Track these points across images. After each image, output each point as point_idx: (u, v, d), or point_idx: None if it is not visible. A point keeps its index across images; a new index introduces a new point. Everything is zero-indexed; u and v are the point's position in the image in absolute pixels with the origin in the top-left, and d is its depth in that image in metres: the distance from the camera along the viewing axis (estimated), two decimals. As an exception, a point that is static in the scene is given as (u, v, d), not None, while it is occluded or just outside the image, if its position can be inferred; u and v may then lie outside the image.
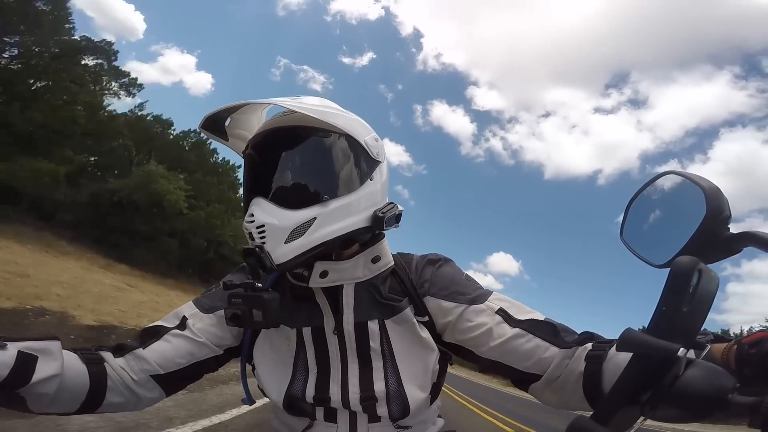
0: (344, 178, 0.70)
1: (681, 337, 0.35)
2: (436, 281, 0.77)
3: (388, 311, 0.75)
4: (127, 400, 0.73)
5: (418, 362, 0.75)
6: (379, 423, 0.75)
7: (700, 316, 0.37)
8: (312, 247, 0.67)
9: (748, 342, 0.47)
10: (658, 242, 0.51)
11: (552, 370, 0.66)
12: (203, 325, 0.78)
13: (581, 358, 0.63)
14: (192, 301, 0.83)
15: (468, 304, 0.74)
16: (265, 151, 0.71)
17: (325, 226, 0.67)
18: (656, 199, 0.54)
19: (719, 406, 0.34)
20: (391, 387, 0.74)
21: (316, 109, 0.67)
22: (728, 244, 0.44)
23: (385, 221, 0.72)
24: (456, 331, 0.75)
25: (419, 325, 0.75)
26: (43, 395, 0.61)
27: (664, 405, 0.35)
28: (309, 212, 0.66)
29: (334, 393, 0.74)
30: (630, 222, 0.56)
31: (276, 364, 0.78)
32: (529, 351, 0.69)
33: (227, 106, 0.72)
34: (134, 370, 0.73)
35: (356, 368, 0.75)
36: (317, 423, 0.76)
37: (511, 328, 0.71)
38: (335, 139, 0.70)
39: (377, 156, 0.73)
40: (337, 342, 0.75)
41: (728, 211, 0.45)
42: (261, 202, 0.67)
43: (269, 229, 0.65)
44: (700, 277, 0.36)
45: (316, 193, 0.68)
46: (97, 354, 0.72)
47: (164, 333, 0.77)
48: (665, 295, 0.36)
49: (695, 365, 0.35)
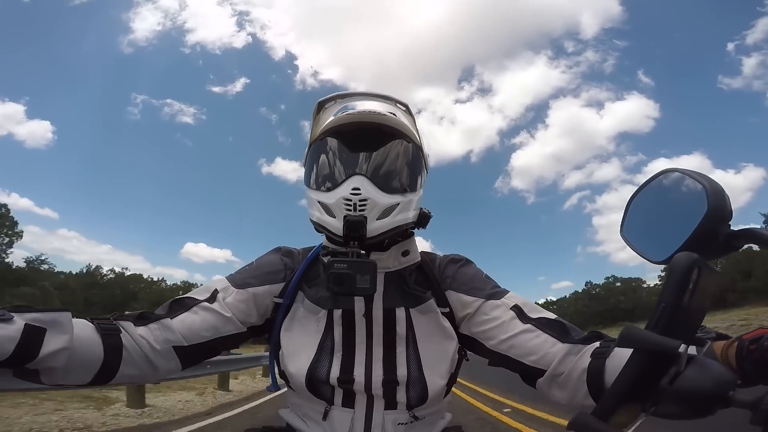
0: (416, 178, 0.81)
1: (681, 334, 0.35)
2: (458, 277, 0.83)
3: (414, 301, 0.80)
4: (142, 371, 0.72)
5: (439, 350, 0.79)
6: (395, 410, 0.77)
7: (701, 312, 0.37)
8: (392, 228, 0.76)
9: (749, 338, 0.47)
10: (659, 239, 0.51)
11: (556, 365, 0.69)
12: (233, 300, 0.80)
13: (587, 355, 0.65)
14: (225, 276, 0.85)
15: (486, 299, 0.79)
16: (368, 138, 0.78)
17: (403, 212, 0.77)
18: (657, 196, 0.54)
19: (720, 403, 0.34)
20: (412, 372, 0.77)
21: (406, 124, 0.81)
22: (729, 241, 0.44)
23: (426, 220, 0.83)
24: (472, 323, 0.80)
25: (441, 316, 0.80)
26: (53, 368, 0.60)
27: (665, 401, 0.35)
28: (396, 198, 0.76)
29: (358, 374, 0.77)
30: (630, 218, 0.56)
31: (302, 345, 0.79)
32: (536, 346, 0.72)
33: (348, 94, 0.85)
34: (157, 339, 0.72)
35: (380, 352, 0.78)
36: (334, 408, 0.77)
37: (522, 324, 0.75)
38: (414, 147, 0.81)
39: (427, 166, 0.85)
40: (365, 326, 0.78)
41: (729, 208, 0.45)
42: (363, 180, 0.75)
43: (370, 204, 0.73)
44: (700, 274, 0.36)
45: (402, 185, 0.78)
46: (115, 324, 0.70)
47: (193, 305, 0.77)
48: (665, 292, 0.36)
49: (696, 362, 0.34)
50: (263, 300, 0.82)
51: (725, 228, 0.44)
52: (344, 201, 0.73)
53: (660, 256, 0.49)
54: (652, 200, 0.54)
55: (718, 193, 0.45)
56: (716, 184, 0.46)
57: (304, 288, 0.83)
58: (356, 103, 0.83)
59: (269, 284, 0.83)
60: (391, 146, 0.79)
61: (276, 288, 0.83)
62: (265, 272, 0.84)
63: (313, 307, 0.80)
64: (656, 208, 0.54)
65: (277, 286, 0.83)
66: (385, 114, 0.80)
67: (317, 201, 0.77)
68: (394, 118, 0.80)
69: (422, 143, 0.84)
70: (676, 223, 0.48)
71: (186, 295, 0.81)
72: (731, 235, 0.44)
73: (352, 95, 0.86)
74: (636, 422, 0.36)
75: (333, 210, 0.75)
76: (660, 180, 0.53)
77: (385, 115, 0.79)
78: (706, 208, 0.44)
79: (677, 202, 0.51)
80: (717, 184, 0.46)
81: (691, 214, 0.46)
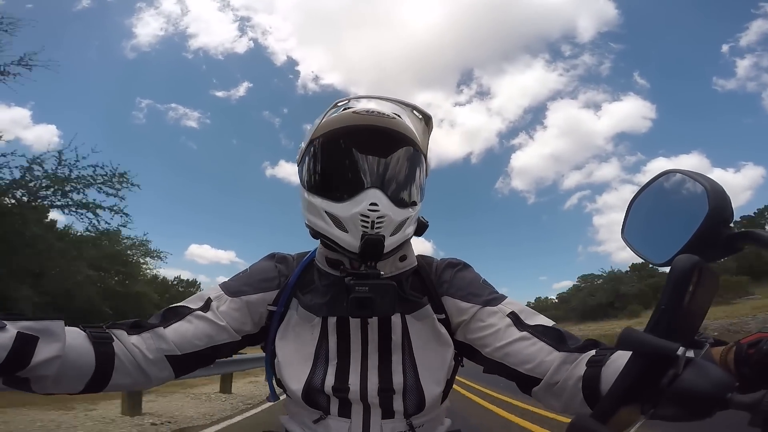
0: (422, 189, 0.80)
1: (680, 336, 0.35)
2: (454, 283, 0.82)
3: (410, 307, 0.79)
4: (135, 380, 0.72)
5: (435, 357, 0.78)
6: (392, 419, 0.76)
7: (700, 315, 0.37)
8: (401, 243, 0.75)
9: (747, 342, 0.46)
10: (660, 240, 0.50)
11: (551, 373, 0.68)
12: (227, 309, 0.79)
13: (582, 363, 0.65)
14: (219, 284, 0.84)
15: (482, 306, 0.78)
16: (377, 143, 0.74)
17: (409, 226, 0.76)
18: (658, 197, 0.54)
19: (719, 405, 0.34)
20: (408, 380, 0.76)
21: (413, 130, 0.76)
22: (730, 243, 0.44)
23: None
24: (468, 330, 0.79)
25: (437, 322, 0.79)
26: (44, 377, 0.60)
27: (663, 404, 0.35)
28: (408, 212, 0.75)
29: (353, 383, 0.76)
30: (631, 220, 0.56)
31: (298, 354, 0.79)
32: (532, 354, 0.71)
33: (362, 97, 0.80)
34: (150, 348, 0.72)
35: (376, 360, 0.77)
36: (330, 417, 0.76)
37: (519, 332, 0.74)
38: (420, 155, 0.79)
39: (428, 173, 0.83)
40: (360, 333, 0.77)
41: (730, 210, 0.45)
42: (380, 194, 0.72)
43: (387, 221, 0.71)
44: (700, 276, 0.36)
45: (412, 197, 0.77)
46: (107, 333, 0.70)
47: (187, 314, 0.77)
48: (665, 294, 0.35)
49: (694, 364, 0.34)
50: (257, 308, 0.81)
51: (726, 230, 0.44)
52: (361, 217, 0.70)
53: (661, 258, 0.49)
54: (653, 202, 0.54)
55: (720, 194, 0.45)
56: (717, 186, 0.46)
57: (298, 295, 0.82)
58: (368, 103, 0.78)
59: (263, 292, 0.82)
60: (400, 154, 0.76)
61: (270, 296, 0.82)
62: (259, 279, 0.83)
63: (307, 315, 0.80)
64: (657, 209, 0.54)
65: (271, 294, 0.82)
66: (393, 117, 0.75)
67: (325, 211, 0.73)
68: (405, 124, 0.76)
69: (426, 152, 0.82)
70: (677, 224, 0.48)
71: (179, 304, 0.80)
72: (732, 236, 0.44)
73: (371, 97, 0.81)
74: (635, 424, 0.36)
75: (346, 224, 0.71)
76: (661, 181, 0.53)
77: (397, 120, 0.75)
78: (707, 209, 0.44)
79: (678, 203, 0.50)
80: (718, 186, 0.46)
81: (692, 216, 0.45)
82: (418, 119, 0.83)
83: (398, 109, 0.78)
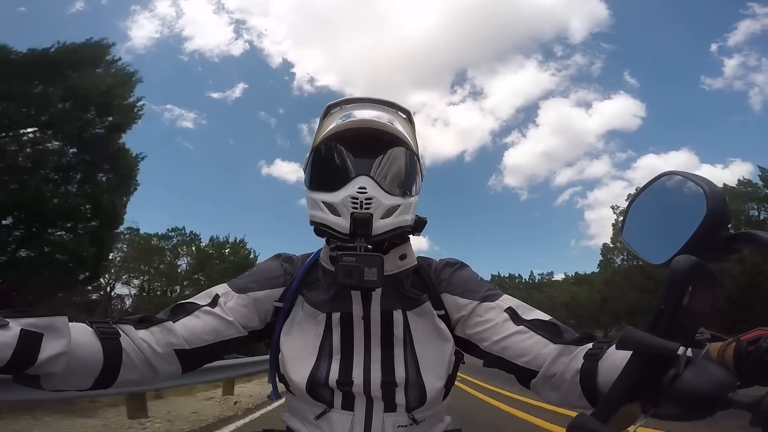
0: (414, 183, 0.84)
1: (680, 336, 0.35)
2: (453, 280, 0.85)
3: (411, 303, 0.82)
4: (143, 375, 0.72)
5: (435, 351, 0.81)
6: (395, 413, 0.78)
7: (699, 315, 0.38)
8: (394, 228, 0.78)
9: (746, 339, 0.47)
10: (658, 241, 0.51)
11: (548, 366, 0.70)
12: (234, 305, 0.81)
13: (579, 356, 0.66)
14: (226, 282, 0.86)
15: (480, 301, 0.81)
16: (370, 144, 0.81)
17: (403, 214, 0.79)
18: (657, 199, 0.54)
19: (719, 405, 0.34)
20: (410, 374, 0.78)
21: (404, 132, 0.84)
22: (727, 244, 0.44)
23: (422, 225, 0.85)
24: (466, 325, 0.81)
25: (437, 318, 0.82)
26: (52, 374, 0.60)
27: (664, 403, 0.35)
28: (398, 200, 0.79)
29: (356, 377, 0.78)
30: (630, 221, 0.56)
31: (302, 349, 0.81)
32: (529, 347, 0.73)
33: (355, 99, 0.89)
34: (159, 342, 0.73)
35: (378, 354, 0.79)
36: (334, 410, 0.78)
37: (516, 326, 0.76)
38: (411, 154, 0.84)
39: (423, 172, 0.88)
40: (362, 328, 0.80)
41: (728, 212, 0.45)
42: (368, 180, 0.77)
43: (375, 203, 0.75)
44: (698, 276, 0.36)
45: (403, 188, 0.81)
46: (114, 328, 0.70)
47: (195, 309, 0.79)
48: (664, 294, 0.36)
49: (695, 364, 0.35)
50: (264, 304, 0.84)
51: (725, 231, 0.45)
52: (351, 199, 0.75)
53: (660, 259, 0.49)
54: (653, 203, 0.55)
55: (718, 196, 0.45)
56: (716, 188, 0.46)
57: (303, 292, 0.85)
58: (358, 111, 0.86)
59: (269, 289, 0.85)
60: (391, 152, 0.81)
61: (276, 292, 0.85)
62: (266, 277, 0.86)
63: (312, 311, 0.82)
64: (656, 210, 0.54)
65: (277, 291, 0.85)
66: (386, 122, 0.82)
67: (321, 201, 0.78)
68: (393, 127, 0.82)
69: (418, 150, 0.86)
70: (676, 226, 0.48)
71: (187, 300, 0.82)
72: (730, 238, 0.44)
73: (357, 101, 0.89)
74: (636, 424, 0.37)
75: (338, 209, 0.76)
76: (660, 183, 0.54)
77: (385, 123, 0.82)
78: (706, 211, 0.45)
79: (677, 205, 0.51)
80: (717, 188, 0.46)
81: (691, 217, 0.46)
82: (405, 120, 0.88)
83: (392, 117, 0.86)
